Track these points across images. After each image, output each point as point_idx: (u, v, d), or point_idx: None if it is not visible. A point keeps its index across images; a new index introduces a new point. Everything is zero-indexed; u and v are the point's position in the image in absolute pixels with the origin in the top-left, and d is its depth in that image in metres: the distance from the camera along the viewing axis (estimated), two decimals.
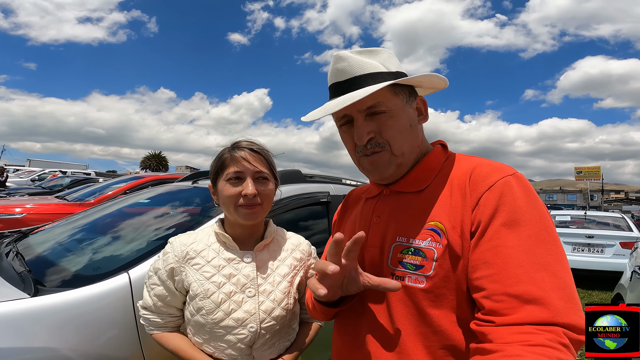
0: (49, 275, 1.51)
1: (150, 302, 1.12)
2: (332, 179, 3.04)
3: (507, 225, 0.71)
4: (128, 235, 1.94)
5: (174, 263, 1.09)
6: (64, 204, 5.48)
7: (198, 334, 1.08)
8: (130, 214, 2.32)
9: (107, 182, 7.12)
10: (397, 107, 0.88)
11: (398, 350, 0.80)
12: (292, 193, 2.11)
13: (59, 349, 1.17)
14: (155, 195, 2.54)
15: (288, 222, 2.11)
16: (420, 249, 0.80)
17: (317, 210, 2.30)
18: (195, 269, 1.08)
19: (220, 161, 1.14)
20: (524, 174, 0.81)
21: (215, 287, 1.06)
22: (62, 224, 2.34)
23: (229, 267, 1.10)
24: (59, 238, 2.05)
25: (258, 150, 1.15)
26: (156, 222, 2.04)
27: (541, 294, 0.64)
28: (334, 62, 0.89)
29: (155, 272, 1.13)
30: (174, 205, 2.30)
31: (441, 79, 0.92)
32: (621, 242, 6.16)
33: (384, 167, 0.89)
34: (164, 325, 1.13)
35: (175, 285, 1.10)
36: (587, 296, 5.69)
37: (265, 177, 1.13)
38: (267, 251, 1.18)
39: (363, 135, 0.87)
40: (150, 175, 6.75)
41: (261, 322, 1.07)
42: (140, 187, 5.90)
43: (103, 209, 2.49)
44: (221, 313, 1.04)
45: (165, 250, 1.14)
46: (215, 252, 1.12)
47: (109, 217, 2.30)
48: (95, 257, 1.71)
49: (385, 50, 0.92)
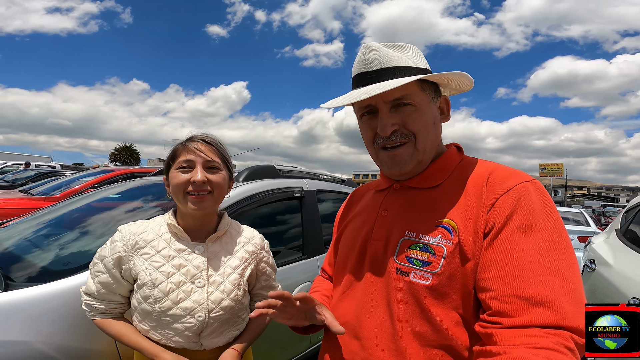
0: (18, 271, 1.48)
1: (93, 289, 1.12)
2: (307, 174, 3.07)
3: (522, 229, 0.71)
4: (98, 230, 1.91)
5: (121, 252, 1.10)
6: (28, 198, 5.26)
7: (144, 321, 1.10)
8: (100, 208, 2.28)
9: (74, 175, 6.85)
10: (424, 102, 0.87)
11: (394, 347, 0.79)
12: (266, 188, 2.14)
13: (31, 342, 1.16)
14: (126, 189, 2.50)
15: (262, 216, 2.14)
16: (429, 245, 0.79)
17: (290, 205, 2.34)
18: (144, 258, 1.09)
19: (173, 151, 1.15)
20: None
21: (163, 277, 1.07)
22: (28, 219, 2.27)
23: (179, 257, 1.11)
24: (26, 233, 2.00)
25: (210, 142, 1.16)
26: (127, 216, 2.01)
27: (551, 297, 0.64)
28: (363, 51, 0.87)
29: (101, 259, 1.12)
30: (146, 199, 2.28)
31: (469, 79, 0.90)
32: (579, 236, 6.52)
33: (405, 162, 0.87)
34: (106, 312, 1.13)
35: (122, 274, 1.11)
36: None
37: (216, 166, 1.14)
38: (220, 243, 1.20)
39: (387, 126, 0.85)
40: (121, 169, 6.55)
41: (210, 312, 1.09)
42: (109, 180, 5.73)
43: (71, 203, 2.43)
44: (169, 302, 1.06)
45: (113, 239, 1.13)
46: (165, 242, 1.13)
47: (78, 212, 2.25)
48: (65, 252, 1.69)
49: (414, 47, 0.90)
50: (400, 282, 0.80)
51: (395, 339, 0.79)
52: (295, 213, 2.35)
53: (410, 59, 0.87)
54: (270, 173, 2.36)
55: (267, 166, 2.41)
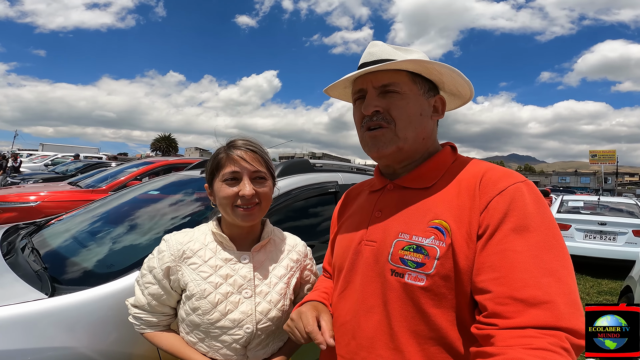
0: (65, 273, 1.53)
1: (144, 301, 1.10)
2: (340, 165, 3.02)
3: (516, 231, 0.72)
4: (142, 229, 1.96)
5: (170, 262, 1.08)
6: (76, 191, 5.56)
7: (192, 333, 1.08)
8: (143, 205, 2.34)
9: (120, 167, 7.17)
10: (412, 92, 0.91)
11: (392, 347, 0.81)
12: (301, 184, 2.10)
13: (76, 347, 1.20)
14: (166, 184, 2.55)
15: (297, 212, 2.11)
16: (422, 247, 0.79)
17: (325, 200, 2.30)
18: (192, 268, 1.07)
19: (216, 161, 1.11)
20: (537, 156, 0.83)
21: (212, 288, 1.05)
22: (75, 215, 2.37)
23: (226, 267, 1.09)
24: (74, 231, 2.08)
25: (254, 149, 1.12)
26: (171, 214, 2.04)
27: (546, 298, 0.65)
28: (368, 47, 0.96)
29: (150, 270, 1.11)
30: (188, 195, 2.30)
31: (464, 79, 0.94)
32: (634, 229, 6.05)
33: (384, 144, 0.91)
34: (157, 324, 1.12)
35: (171, 285, 1.09)
36: (597, 285, 5.64)
37: (262, 176, 1.11)
38: (264, 252, 1.17)
39: (370, 105, 0.90)
40: (161, 160, 6.78)
41: (257, 323, 1.07)
42: (151, 172, 5.95)
43: (115, 199, 2.52)
44: (217, 313, 1.04)
45: (160, 249, 1.12)
46: (212, 251, 1.11)
47: (122, 209, 2.33)
48: (110, 253, 1.74)
49: (420, 52, 0.96)
50: (395, 284, 0.82)
51: (393, 338, 0.81)
52: (331, 208, 2.32)
53: (407, 57, 0.92)
54: (305, 167, 2.33)
55: (301, 161, 2.37)
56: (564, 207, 7.33)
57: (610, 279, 5.90)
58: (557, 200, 7.70)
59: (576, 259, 6.09)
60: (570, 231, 6.39)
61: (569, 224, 6.44)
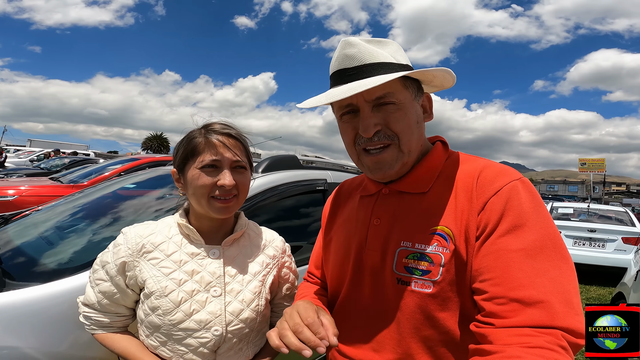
0: (20, 268, 1.43)
1: (94, 299, 1.00)
2: (331, 164, 2.93)
3: (512, 230, 0.72)
4: (112, 225, 1.84)
5: (126, 257, 0.97)
6: (57, 186, 5.41)
7: (153, 335, 0.97)
8: (117, 199, 2.22)
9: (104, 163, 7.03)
10: (407, 100, 0.84)
11: (401, 351, 0.80)
12: (287, 180, 2.01)
13: (20, 347, 1.09)
14: (145, 179, 2.43)
15: (283, 210, 2.02)
16: (426, 254, 0.78)
17: (313, 198, 2.20)
18: (152, 264, 0.96)
19: (192, 145, 0.99)
20: (526, 164, 0.76)
21: (174, 285, 0.95)
22: (44, 210, 2.25)
23: (192, 262, 0.99)
24: (39, 226, 1.95)
25: (235, 135, 1.02)
26: (141, 209, 1.94)
27: (541, 297, 0.65)
28: (342, 47, 0.83)
29: (103, 265, 1.00)
30: (167, 190, 2.19)
31: (452, 76, 0.89)
32: (623, 237, 6.08)
33: (390, 165, 0.85)
34: (109, 325, 1.02)
35: (127, 282, 0.98)
36: (585, 291, 5.65)
37: (242, 165, 1.02)
38: (237, 246, 1.07)
39: (370, 126, 0.82)
40: (147, 157, 6.67)
41: (227, 325, 0.97)
42: (136, 168, 5.81)
43: (88, 194, 2.39)
44: (180, 314, 0.93)
45: (116, 242, 1.01)
46: (176, 245, 1.00)
47: (93, 204, 2.20)
48: (72, 249, 1.62)
49: (394, 42, 0.88)
50: (402, 292, 0.81)
51: (403, 344, 0.80)
52: (319, 206, 2.21)
53: (391, 55, 0.84)
54: (292, 164, 2.23)
55: (289, 156, 2.28)
56: (553, 213, 7.38)
57: (598, 286, 5.92)
58: (546, 207, 7.72)
59: None
60: None
61: (559, 230, 6.43)
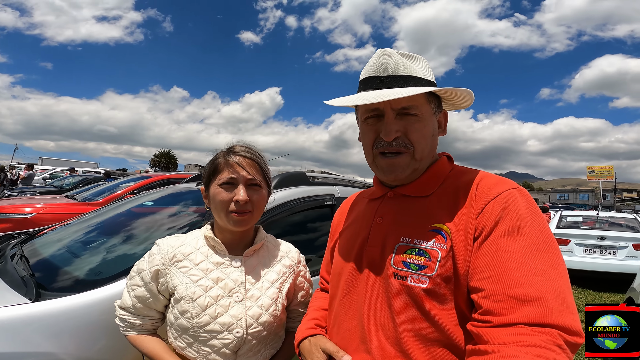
0: (52, 279, 1.52)
1: (129, 303, 1.11)
2: (339, 180, 3.01)
3: (510, 232, 0.75)
4: (132, 238, 1.95)
5: (159, 265, 1.08)
6: (73, 204, 5.55)
7: (181, 337, 1.07)
8: (136, 216, 2.33)
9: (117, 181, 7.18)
10: (427, 114, 0.91)
11: (398, 349, 0.82)
12: (297, 196, 2.10)
13: (57, 353, 1.17)
14: (162, 196, 2.54)
15: (293, 225, 2.10)
16: (424, 250, 0.82)
17: (322, 213, 2.29)
18: (182, 271, 1.08)
19: (214, 165, 1.14)
20: (535, 173, 0.84)
21: (201, 291, 1.05)
22: (68, 226, 2.36)
23: (217, 270, 1.10)
24: (65, 240, 2.06)
25: (252, 157, 1.15)
26: (160, 225, 2.04)
27: (538, 295, 0.68)
28: (379, 56, 0.92)
29: (139, 272, 1.12)
30: (181, 207, 2.30)
31: (471, 97, 0.96)
32: (634, 243, 6.02)
33: (402, 169, 0.91)
34: (141, 327, 1.12)
35: (159, 288, 1.09)
36: (598, 298, 5.57)
37: (257, 184, 1.13)
38: (257, 257, 1.18)
39: (392, 131, 0.89)
40: (158, 175, 6.80)
41: (248, 328, 1.06)
42: (148, 186, 5.94)
43: (108, 211, 2.50)
44: (207, 317, 1.03)
45: (151, 252, 1.13)
46: (203, 255, 1.11)
47: (114, 220, 2.31)
48: (99, 261, 1.72)
49: (424, 59, 0.95)
50: (398, 286, 0.83)
51: (398, 341, 0.82)
52: (327, 221, 2.30)
53: (420, 71, 0.91)
54: (301, 180, 2.32)
55: (298, 173, 2.37)
56: (562, 222, 7.33)
57: (612, 292, 5.85)
58: (556, 216, 7.69)
59: (577, 273, 6.04)
60: (569, 246, 6.36)
61: (569, 238, 6.41)
